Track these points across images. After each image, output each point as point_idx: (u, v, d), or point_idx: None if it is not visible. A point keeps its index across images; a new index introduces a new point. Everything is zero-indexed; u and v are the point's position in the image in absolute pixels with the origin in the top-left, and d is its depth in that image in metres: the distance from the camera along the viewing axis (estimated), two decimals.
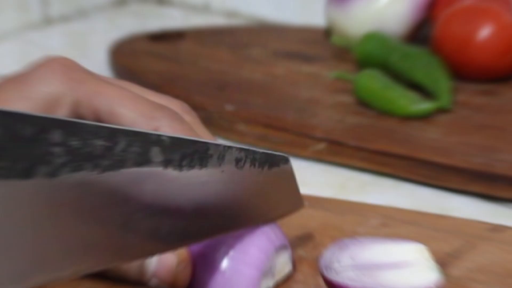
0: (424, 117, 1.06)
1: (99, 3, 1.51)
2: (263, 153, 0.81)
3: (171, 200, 0.75)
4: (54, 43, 1.39)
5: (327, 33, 1.28)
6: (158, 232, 0.74)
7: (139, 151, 0.71)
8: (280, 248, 0.81)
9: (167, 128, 0.77)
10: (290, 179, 0.86)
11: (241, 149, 0.79)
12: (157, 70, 1.20)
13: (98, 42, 1.34)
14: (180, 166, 0.74)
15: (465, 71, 1.15)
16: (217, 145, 0.77)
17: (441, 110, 1.08)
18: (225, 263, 0.80)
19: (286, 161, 0.85)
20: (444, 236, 0.86)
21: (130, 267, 0.80)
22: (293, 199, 0.87)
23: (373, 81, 1.10)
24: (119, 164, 0.70)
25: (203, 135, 0.79)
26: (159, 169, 0.73)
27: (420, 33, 1.24)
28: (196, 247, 0.81)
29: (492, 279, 0.80)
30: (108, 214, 0.71)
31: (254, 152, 0.80)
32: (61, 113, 0.78)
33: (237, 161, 0.79)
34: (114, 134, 0.69)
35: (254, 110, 1.09)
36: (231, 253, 0.80)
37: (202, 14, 1.50)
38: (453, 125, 1.06)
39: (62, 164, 0.65)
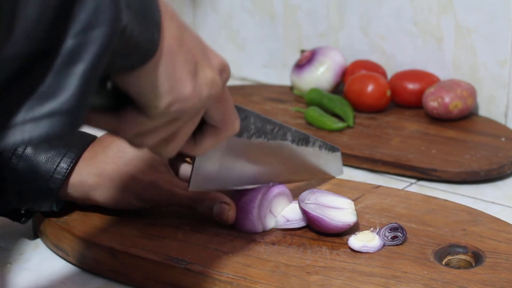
0: (339, 131, 1.16)
1: None
2: (330, 144, 0.93)
3: (289, 159, 0.88)
4: None
5: (291, 88, 1.32)
6: (273, 170, 0.87)
7: (282, 133, 0.85)
8: (277, 194, 0.87)
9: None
10: (339, 158, 0.96)
11: (322, 141, 0.91)
12: None
13: None
14: (297, 144, 0.87)
15: (360, 108, 1.21)
16: (316, 138, 0.89)
17: (348, 127, 1.17)
18: (251, 210, 0.85)
19: (338, 150, 0.95)
20: (351, 190, 0.93)
21: (202, 207, 0.85)
22: (338, 169, 0.97)
23: (314, 112, 1.18)
24: (274, 137, 0.84)
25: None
26: (289, 143, 0.86)
27: (338, 88, 1.28)
28: (236, 201, 0.85)
29: (374, 211, 0.89)
30: (265, 160, 0.84)
31: (325, 143, 0.92)
32: None
33: (320, 147, 0.91)
34: (274, 124, 0.84)
35: None
36: (252, 203, 0.85)
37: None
38: (354, 134, 1.15)
39: (253, 133, 0.81)
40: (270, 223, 0.86)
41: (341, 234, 0.84)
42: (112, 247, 0.82)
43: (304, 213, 0.84)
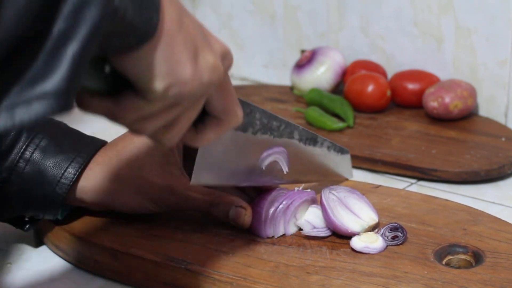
0: (339, 131, 1.16)
1: None
2: (339, 145, 0.92)
3: (296, 158, 0.87)
4: None
5: (291, 88, 1.33)
6: (276, 173, 0.84)
7: (289, 131, 0.85)
8: (304, 202, 0.86)
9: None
10: (348, 161, 0.96)
11: (330, 142, 0.90)
12: None
13: None
14: (305, 143, 0.87)
15: (360, 108, 1.22)
16: (324, 139, 0.88)
17: (348, 127, 1.18)
18: (270, 214, 0.84)
19: (348, 152, 0.95)
20: None
21: (218, 211, 0.83)
22: (348, 171, 0.97)
23: (314, 112, 1.19)
24: (281, 135, 0.83)
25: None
26: (296, 142, 0.86)
27: (338, 88, 1.29)
28: (253, 206, 0.84)
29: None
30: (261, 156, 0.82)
31: (334, 144, 0.92)
32: None
33: (328, 147, 0.91)
34: (281, 121, 0.82)
35: None
36: (270, 209, 0.84)
37: None
38: (354, 134, 1.16)
39: (258, 129, 0.80)
40: (292, 228, 0.85)
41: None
42: (112, 248, 0.82)
43: (320, 199, 0.84)
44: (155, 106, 0.60)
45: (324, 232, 0.83)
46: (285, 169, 0.85)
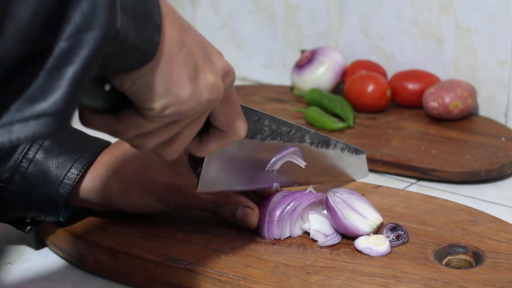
0: (339, 131, 1.17)
1: None
2: (354, 146, 0.93)
3: (307, 161, 0.86)
4: None
5: (291, 88, 1.33)
6: (287, 174, 0.84)
7: (300, 135, 0.85)
8: (311, 204, 0.85)
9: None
10: (363, 161, 0.96)
11: (344, 143, 0.90)
12: None
13: None
14: (317, 146, 0.87)
15: (360, 108, 1.22)
16: (337, 140, 0.88)
17: (348, 127, 1.18)
18: (276, 215, 0.84)
19: (363, 152, 0.95)
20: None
21: (225, 210, 0.84)
22: (363, 171, 0.97)
23: (314, 112, 1.20)
24: (291, 139, 0.82)
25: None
26: (307, 145, 0.86)
27: (338, 88, 1.29)
28: (261, 207, 0.84)
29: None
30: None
31: (348, 145, 0.92)
32: None
33: (342, 149, 0.91)
34: (291, 126, 0.82)
35: None
36: (279, 210, 0.84)
37: None
38: (354, 134, 1.16)
39: (267, 135, 0.80)
40: (298, 230, 0.85)
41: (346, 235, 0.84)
42: (112, 247, 0.82)
43: (327, 202, 0.83)
44: (154, 124, 0.61)
45: (337, 239, 0.83)
46: (302, 164, 0.85)
